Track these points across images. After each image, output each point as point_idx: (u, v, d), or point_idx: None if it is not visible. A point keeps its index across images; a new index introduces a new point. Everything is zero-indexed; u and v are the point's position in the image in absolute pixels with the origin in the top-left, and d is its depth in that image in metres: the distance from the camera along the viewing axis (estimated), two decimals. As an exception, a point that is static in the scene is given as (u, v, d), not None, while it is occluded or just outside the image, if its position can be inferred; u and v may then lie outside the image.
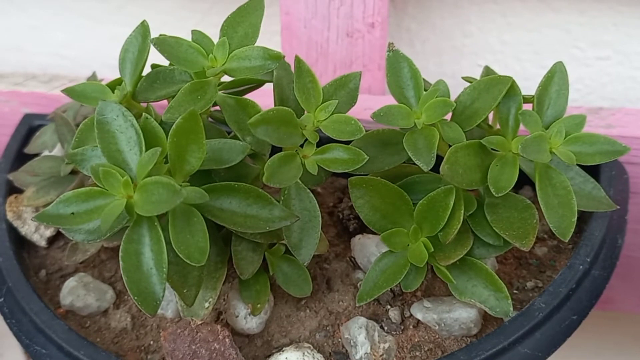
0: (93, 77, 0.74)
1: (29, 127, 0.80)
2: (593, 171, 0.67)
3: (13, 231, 0.70)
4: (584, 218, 0.68)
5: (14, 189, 0.73)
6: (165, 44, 0.57)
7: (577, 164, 0.60)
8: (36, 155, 0.75)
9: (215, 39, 0.61)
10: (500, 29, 0.88)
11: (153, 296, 0.51)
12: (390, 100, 0.68)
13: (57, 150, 0.73)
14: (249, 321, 0.62)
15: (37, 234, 0.71)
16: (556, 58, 0.88)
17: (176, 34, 0.93)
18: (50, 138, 0.74)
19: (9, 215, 0.70)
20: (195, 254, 0.51)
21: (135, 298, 0.51)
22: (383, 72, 0.84)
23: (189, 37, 0.91)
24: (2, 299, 0.65)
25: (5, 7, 0.96)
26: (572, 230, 0.58)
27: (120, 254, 0.51)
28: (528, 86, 0.86)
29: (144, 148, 0.53)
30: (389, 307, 0.64)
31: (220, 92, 0.61)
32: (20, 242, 0.71)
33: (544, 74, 0.63)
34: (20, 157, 0.76)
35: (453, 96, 0.62)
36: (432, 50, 0.91)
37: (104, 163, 0.52)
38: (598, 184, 0.63)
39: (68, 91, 0.59)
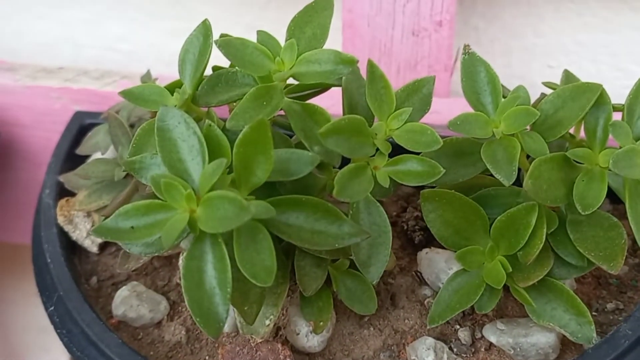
0: (147, 75, 0.71)
1: (80, 125, 0.78)
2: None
3: (64, 236, 0.68)
4: (670, 236, 0.63)
5: (64, 191, 0.70)
6: (230, 46, 0.53)
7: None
8: (87, 156, 0.72)
9: (274, 35, 0.57)
10: (575, 29, 0.83)
11: (216, 317, 0.47)
12: (455, 102, 0.64)
13: (110, 152, 0.70)
14: (310, 339, 0.59)
15: (89, 239, 0.68)
16: (634, 61, 0.83)
17: (232, 29, 0.90)
18: (103, 139, 0.71)
19: (60, 220, 0.67)
20: (261, 273, 0.47)
21: (198, 319, 0.47)
22: (449, 73, 0.80)
23: (245, 33, 0.88)
24: (53, 308, 0.63)
25: (60, 0, 0.94)
26: (666, 252, 0.53)
27: (182, 271, 0.48)
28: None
29: (207, 158, 0.49)
30: (458, 327, 0.60)
31: (285, 96, 0.57)
32: (72, 248, 0.69)
33: (621, 77, 0.58)
34: (71, 157, 0.74)
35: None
36: (501, 50, 0.86)
37: (165, 174, 0.49)
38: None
39: (125, 94, 0.56)
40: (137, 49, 0.96)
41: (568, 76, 0.64)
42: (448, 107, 0.75)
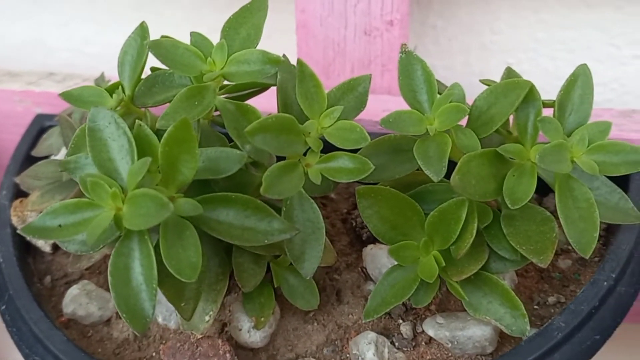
0: (101, 78, 0.72)
1: (40, 127, 0.79)
2: (623, 181, 0.63)
3: (18, 236, 0.69)
4: (611, 230, 0.64)
5: (21, 193, 0.72)
6: (160, 47, 0.54)
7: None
8: (43, 157, 0.73)
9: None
10: (533, 26, 0.83)
11: (142, 313, 0.48)
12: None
13: (63, 153, 0.72)
14: (252, 335, 0.60)
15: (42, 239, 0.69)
16: (591, 56, 0.84)
17: (195, 30, 0.91)
18: (56, 141, 0.72)
19: (14, 220, 0.69)
20: (186, 269, 0.48)
21: (124, 315, 0.48)
22: (404, 72, 0.80)
23: (208, 34, 0.90)
24: (4, 307, 0.64)
25: (29, 4, 0.95)
26: (594, 245, 0.54)
27: (109, 268, 0.49)
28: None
29: (135, 157, 0.50)
30: (400, 321, 0.61)
31: (222, 96, 0.58)
32: (26, 248, 0.70)
33: None
34: (29, 159, 0.75)
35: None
36: (459, 48, 0.87)
37: (93, 173, 0.50)
38: (626, 194, 0.59)
39: (65, 95, 0.57)
40: (105, 51, 0.97)
41: (510, 73, 0.64)
42: (401, 105, 0.76)
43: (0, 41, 1.00)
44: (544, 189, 0.60)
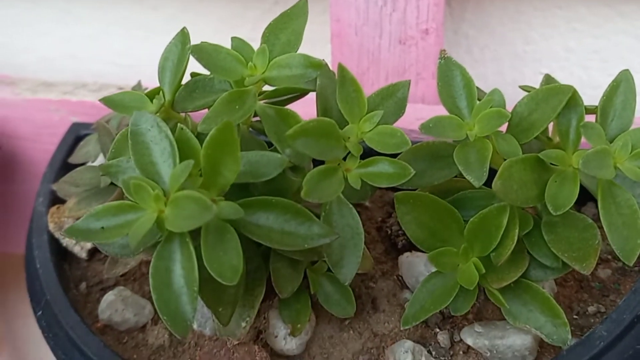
0: (138, 86, 0.72)
1: (76, 136, 0.80)
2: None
3: (55, 242, 0.69)
4: (652, 238, 0.63)
5: (57, 199, 0.72)
6: (203, 52, 0.54)
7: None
8: (80, 164, 0.74)
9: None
10: (565, 36, 0.83)
11: (183, 316, 0.48)
12: (444, 110, 0.64)
13: (100, 160, 0.72)
14: (288, 342, 0.59)
15: (78, 245, 0.69)
16: (625, 66, 0.82)
17: (228, 42, 0.92)
18: (93, 148, 0.72)
19: (51, 227, 0.69)
20: (227, 272, 0.48)
21: (165, 318, 0.48)
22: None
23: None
24: (41, 312, 0.64)
25: (62, 17, 0.96)
26: (637, 252, 0.53)
27: (150, 270, 0.49)
28: (596, 95, 0.81)
29: (177, 160, 0.51)
30: (437, 330, 0.60)
31: (261, 101, 0.58)
32: (62, 254, 0.70)
33: None
34: (65, 166, 0.75)
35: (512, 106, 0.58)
36: (492, 58, 0.86)
37: (136, 176, 0.50)
38: (670, 202, 0.58)
39: (106, 100, 0.58)
40: (136, 63, 0.98)
41: (548, 79, 0.64)
42: (437, 113, 0.76)
43: (33, 53, 1.01)
44: (583, 198, 0.59)
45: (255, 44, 0.60)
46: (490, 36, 0.85)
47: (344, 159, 0.55)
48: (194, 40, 0.90)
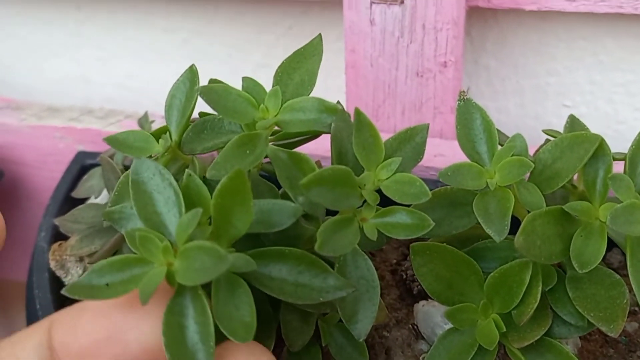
0: (145, 118, 0.70)
1: (81, 165, 0.77)
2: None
3: (56, 281, 0.67)
4: (683, 292, 0.60)
5: (59, 235, 0.70)
6: (212, 93, 0.52)
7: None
8: (83, 199, 0.71)
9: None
10: (590, 68, 0.80)
11: (201, 376, 0.45)
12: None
13: (104, 195, 0.70)
14: (298, 395, 0.57)
15: (81, 285, 0.67)
16: (652, 100, 0.80)
17: (241, 67, 0.89)
18: (97, 183, 0.70)
19: (52, 264, 0.67)
20: (239, 330, 0.45)
21: (182, 379, 0.45)
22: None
23: (254, 70, 0.88)
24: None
25: (72, 39, 0.95)
26: (668, 314, 0.50)
27: (162, 327, 0.46)
28: (622, 130, 0.78)
29: (183, 210, 0.48)
30: (454, 384, 0.57)
31: (272, 143, 0.55)
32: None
33: (639, 117, 0.56)
34: (69, 199, 0.73)
35: (535, 145, 0.55)
36: (513, 90, 0.84)
37: (141, 227, 0.48)
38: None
39: (110, 140, 0.55)
40: (146, 86, 0.96)
41: (573, 122, 0.61)
42: (453, 149, 0.73)
43: (41, 75, 0.99)
44: (609, 244, 0.56)
45: (269, 70, 0.58)
46: (512, 68, 0.82)
47: (359, 207, 0.53)
48: (206, 63, 0.88)
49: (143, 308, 0.45)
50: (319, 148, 0.60)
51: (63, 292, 0.45)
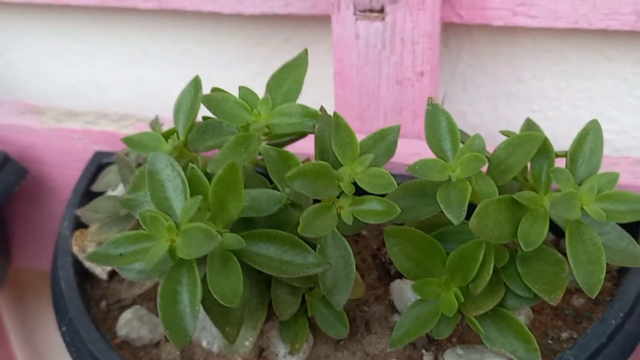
0: (155, 121, 0.79)
1: (98, 164, 0.86)
2: (635, 227, 0.68)
3: (78, 264, 0.76)
4: (623, 273, 0.69)
5: (80, 224, 0.79)
6: (212, 101, 0.61)
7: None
8: (102, 192, 0.80)
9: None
10: (555, 76, 0.89)
11: (184, 332, 0.55)
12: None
13: (120, 189, 0.79)
14: (288, 360, 0.66)
15: (100, 267, 0.76)
16: (611, 105, 0.89)
17: (240, 75, 0.98)
18: (114, 178, 0.79)
19: (75, 249, 0.76)
20: (229, 295, 0.55)
21: (168, 332, 0.55)
22: (434, 118, 0.86)
23: (252, 78, 0.97)
24: (65, 328, 0.71)
25: (86, 48, 1.04)
26: (600, 286, 0.59)
27: (159, 290, 0.56)
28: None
29: (188, 196, 0.57)
30: (424, 351, 0.66)
31: (265, 142, 0.65)
32: (84, 275, 0.77)
33: (601, 121, 0.64)
34: (88, 193, 0.82)
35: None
36: (487, 96, 0.92)
37: (152, 209, 0.57)
38: (634, 240, 0.64)
39: (126, 140, 0.65)
40: (154, 92, 1.04)
41: (529, 124, 0.70)
42: (429, 150, 0.82)
43: (55, 81, 1.08)
44: (562, 234, 0.65)
45: (265, 78, 0.67)
46: (485, 76, 0.91)
47: (338, 197, 0.62)
48: (209, 71, 0.97)
49: None
50: (310, 148, 0.69)
51: (84, 257, 0.54)
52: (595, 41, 0.85)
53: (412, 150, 0.82)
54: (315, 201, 0.62)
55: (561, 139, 0.89)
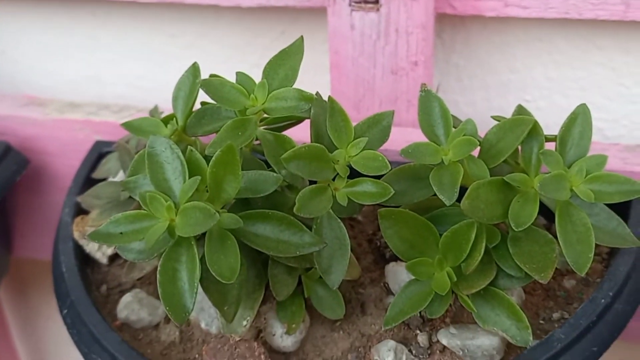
0: (155, 110, 0.81)
1: (99, 153, 0.88)
2: (624, 209, 0.69)
3: (78, 249, 0.77)
4: (613, 253, 0.70)
5: (81, 211, 0.80)
6: (210, 85, 0.62)
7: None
8: (102, 179, 0.82)
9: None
10: (546, 66, 0.90)
11: (184, 308, 0.56)
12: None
13: (120, 176, 0.80)
14: (284, 340, 0.67)
15: (100, 252, 0.78)
16: (602, 94, 0.91)
17: (239, 66, 1.00)
18: (114, 165, 0.81)
19: (76, 235, 0.77)
20: (226, 272, 0.56)
21: (167, 308, 0.56)
22: (428, 107, 0.88)
23: (250, 69, 0.99)
24: (66, 311, 0.72)
25: (88, 43, 1.05)
26: (589, 265, 0.60)
27: (158, 268, 0.57)
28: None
29: (187, 177, 0.59)
30: (418, 331, 0.68)
31: (262, 127, 0.66)
32: (85, 259, 0.78)
33: (592, 109, 0.66)
34: (89, 181, 0.84)
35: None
36: (480, 85, 0.94)
37: (152, 190, 0.58)
38: (623, 221, 0.65)
39: (126, 125, 0.66)
40: (155, 86, 1.06)
41: (520, 110, 0.71)
42: (423, 137, 0.83)
43: (59, 75, 1.10)
44: (551, 216, 0.66)
45: (262, 70, 0.68)
46: (478, 66, 0.92)
47: (333, 179, 0.63)
48: (208, 64, 0.99)
49: None
50: (305, 135, 0.70)
51: (86, 237, 0.56)
52: (586, 31, 0.86)
53: (407, 138, 0.83)
54: (311, 183, 0.64)
55: (552, 127, 0.90)
